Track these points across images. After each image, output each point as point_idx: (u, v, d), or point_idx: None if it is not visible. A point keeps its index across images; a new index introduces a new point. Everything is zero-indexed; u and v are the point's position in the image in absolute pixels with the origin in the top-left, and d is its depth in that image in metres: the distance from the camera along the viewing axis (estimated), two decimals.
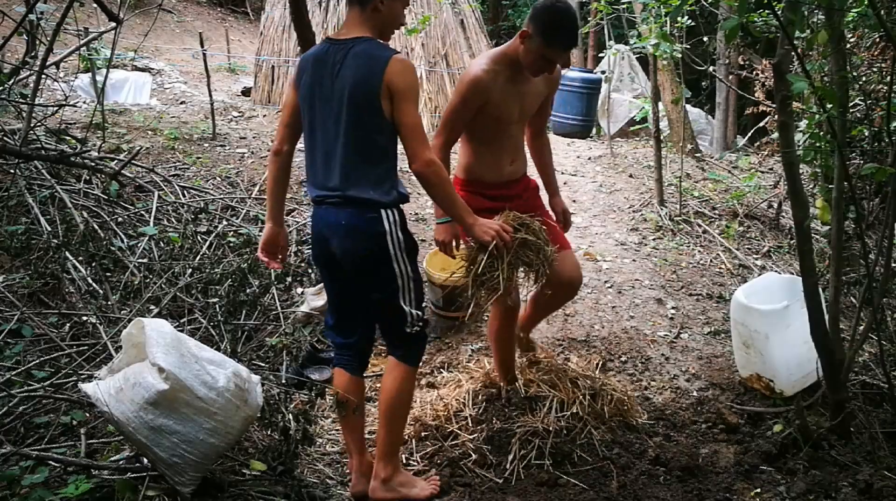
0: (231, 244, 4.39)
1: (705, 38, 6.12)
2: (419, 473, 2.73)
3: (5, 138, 4.47)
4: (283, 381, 3.29)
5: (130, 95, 8.20)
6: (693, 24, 5.51)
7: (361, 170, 2.36)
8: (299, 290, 4.01)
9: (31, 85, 4.50)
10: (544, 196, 3.08)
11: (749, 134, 8.11)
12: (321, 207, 2.46)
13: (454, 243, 2.70)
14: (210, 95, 6.63)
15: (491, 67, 2.69)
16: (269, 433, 2.76)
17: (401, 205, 2.44)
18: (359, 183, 2.36)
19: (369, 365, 3.59)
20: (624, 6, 5.80)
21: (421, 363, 3.56)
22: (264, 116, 7.86)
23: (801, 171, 2.95)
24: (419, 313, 2.51)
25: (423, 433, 2.95)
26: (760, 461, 2.86)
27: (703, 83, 8.61)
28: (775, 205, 5.77)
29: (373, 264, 2.42)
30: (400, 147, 2.40)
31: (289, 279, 4.11)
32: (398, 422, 2.57)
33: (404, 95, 2.30)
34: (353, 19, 2.41)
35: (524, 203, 2.91)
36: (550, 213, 3.01)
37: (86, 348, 3.13)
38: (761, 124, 5.86)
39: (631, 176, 6.52)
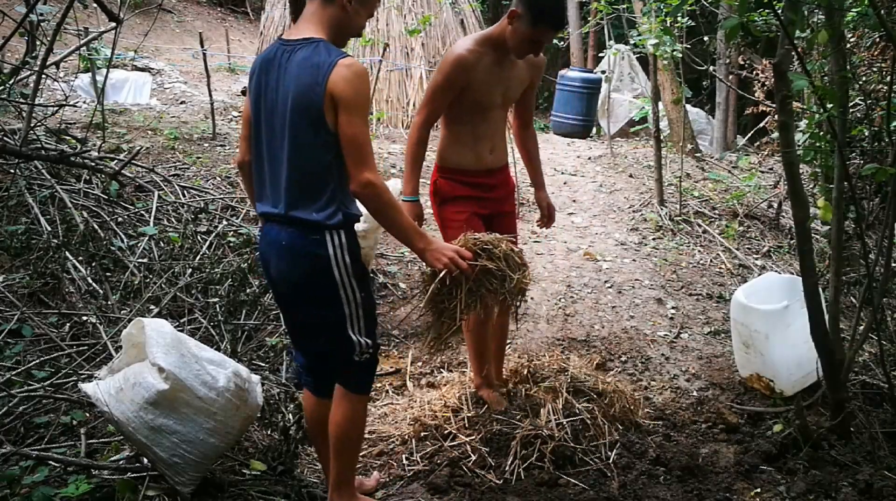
0: (231, 244, 4.39)
1: (705, 38, 6.12)
2: (419, 473, 2.73)
3: (5, 138, 4.47)
4: (283, 381, 3.29)
5: (130, 94, 8.21)
6: (693, 23, 5.51)
7: (305, 188, 2.13)
8: None
9: (31, 85, 4.50)
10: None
11: (749, 134, 8.11)
12: (266, 224, 2.24)
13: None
14: (210, 95, 6.63)
15: (475, 48, 2.69)
16: (269, 433, 2.76)
17: (350, 226, 2.20)
18: (302, 203, 2.13)
19: None
20: (624, 6, 5.79)
21: (420, 363, 3.60)
22: None
23: (801, 171, 2.95)
24: (368, 341, 2.25)
25: (422, 434, 2.95)
26: (760, 461, 2.86)
27: (703, 83, 8.60)
28: (775, 205, 5.77)
29: (314, 291, 2.19)
30: None
31: None
32: (350, 454, 2.36)
33: (347, 105, 2.03)
34: (310, 15, 2.14)
35: (497, 202, 2.93)
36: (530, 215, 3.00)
37: (86, 348, 3.13)
38: (761, 125, 5.85)
39: (631, 176, 6.53)
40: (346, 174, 2.13)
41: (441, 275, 2.22)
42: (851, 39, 3.97)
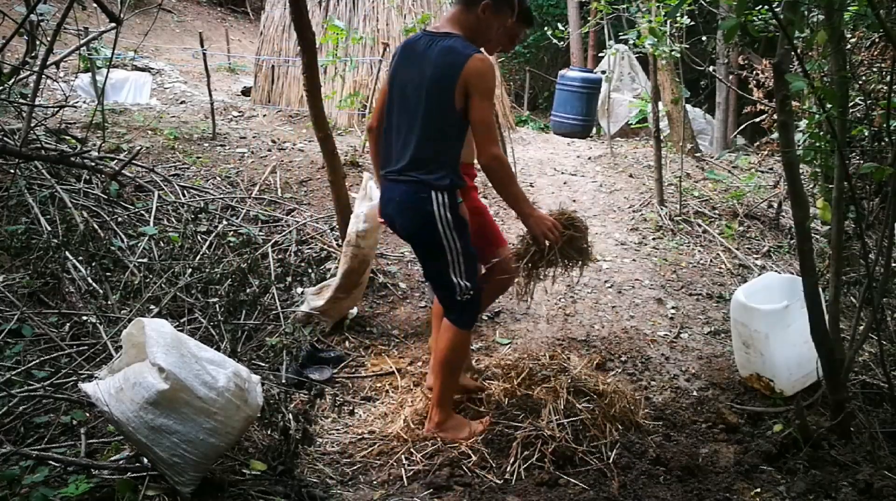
0: (231, 244, 4.39)
1: (704, 38, 6.12)
2: (419, 473, 2.73)
3: (5, 138, 4.47)
4: (283, 381, 3.29)
5: (130, 94, 8.21)
6: (692, 23, 5.51)
7: (427, 155, 2.58)
8: (299, 290, 4.01)
9: (31, 85, 4.50)
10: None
11: (740, 128, 8.10)
12: (387, 184, 2.72)
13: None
14: (210, 95, 6.63)
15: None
16: (269, 433, 2.76)
17: (453, 190, 2.62)
18: (421, 166, 2.58)
19: (370, 366, 3.61)
20: (624, 6, 5.80)
21: (419, 363, 3.60)
22: (264, 115, 7.86)
23: (801, 171, 2.95)
24: (468, 284, 2.71)
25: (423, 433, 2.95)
26: (760, 461, 2.86)
27: (703, 83, 8.60)
28: (775, 205, 5.77)
29: (423, 239, 2.69)
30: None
31: (289, 279, 4.12)
32: (448, 376, 2.83)
33: (479, 91, 2.48)
34: (453, 17, 2.64)
35: (474, 194, 3.13)
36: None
37: (86, 348, 3.13)
38: (761, 124, 5.85)
39: (631, 176, 6.53)
40: (459, 147, 2.61)
41: (539, 242, 2.64)
42: (851, 40, 3.97)
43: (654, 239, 5.22)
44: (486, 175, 2.61)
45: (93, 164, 4.46)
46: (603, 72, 8.78)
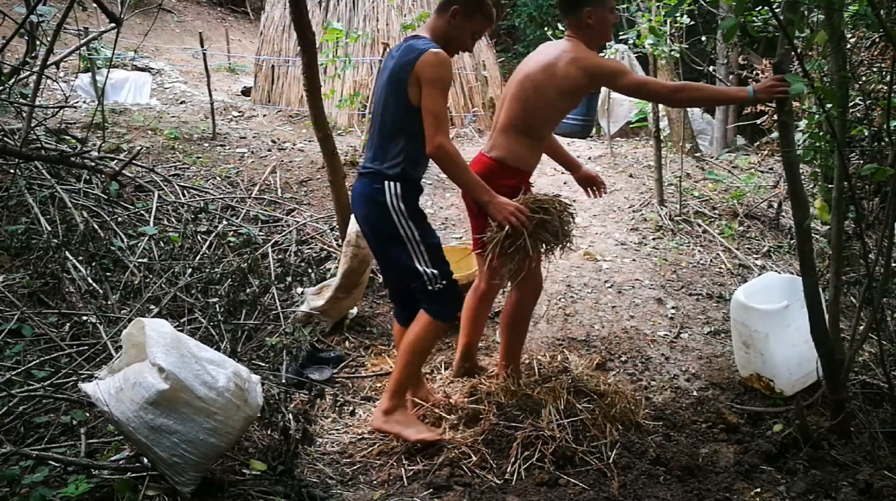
0: (231, 244, 4.39)
1: (704, 38, 6.11)
2: (419, 473, 2.73)
3: (5, 138, 4.47)
4: (283, 381, 3.29)
5: (130, 94, 8.21)
6: (692, 23, 5.50)
7: (385, 147, 2.68)
8: (299, 290, 4.01)
9: (31, 85, 4.50)
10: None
11: (734, 124, 8.09)
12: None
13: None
14: (210, 95, 6.63)
15: None
16: (269, 433, 2.76)
17: (408, 180, 2.67)
18: (378, 158, 2.69)
19: (370, 366, 3.60)
20: (624, 6, 5.79)
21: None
22: (264, 115, 7.87)
23: (800, 171, 2.95)
24: (435, 271, 2.71)
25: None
26: (760, 461, 2.86)
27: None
28: (775, 205, 5.77)
29: (380, 229, 2.72)
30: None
31: (289, 279, 4.12)
32: (409, 365, 2.81)
33: (428, 82, 2.55)
34: (429, 23, 2.77)
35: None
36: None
37: (86, 348, 3.13)
38: (758, 121, 5.84)
39: (631, 176, 6.52)
40: (414, 138, 2.63)
41: (506, 228, 2.64)
42: (851, 40, 3.97)
43: (654, 239, 5.22)
44: (437, 165, 2.66)
45: (93, 164, 4.46)
46: None
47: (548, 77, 2.85)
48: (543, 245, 2.74)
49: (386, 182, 2.64)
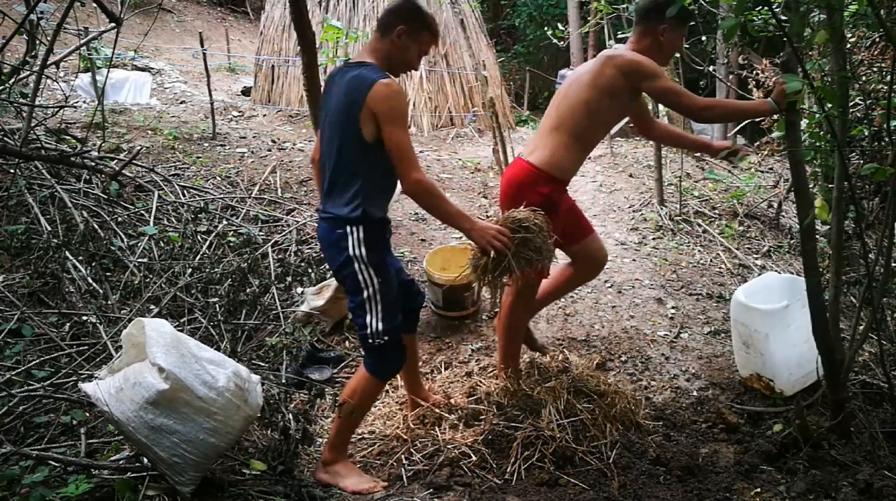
0: (231, 244, 4.39)
1: (704, 38, 6.11)
2: (419, 473, 2.73)
3: (5, 138, 4.47)
4: (283, 381, 3.29)
5: (130, 94, 8.21)
6: (692, 23, 5.50)
7: (339, 188, 2.51)
8: (299, 290, 4.01)
9: (32, 85, 4.50)
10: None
11: (739, 128, 8.08)
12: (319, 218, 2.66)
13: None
14: (210, 95, 6.64)
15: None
16: (269, 433, 2.76)
17: (369, 223, 2.51)
18: (336, 198, 2.53)
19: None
20: (624, 6, 5.79)
21: (419, 363, 3.59)
22: (264, 115, 7.87)
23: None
24: (380, 328, 2.54)
25: (422, 434, 2.95)
26: (760, 460, 2.86)
27: (703, 83, 8.59)
28: (775, 205, 5.77)
29: (344, 277, 2.56)
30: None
31: (289, 279, 4.12)
32: (347, 420, 2.68)
33: (387, 119, 2.39)
34: (369, 45, 2.58)
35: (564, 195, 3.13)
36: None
37: (86, 348, 3.13)
38: (758, 121, 5.84)
39: (631, 176, 6.53)
40: (369, 177, 2.48)
41: (491, 253, 2.58)
42: (851, 40, 3.97)
43: (654, 239, 5.22)
44: (414, 201, 2.51)
45: (93, 164, 4.46)
46: None
47: (591, 76, 2.86)
48: (524, 264, 2.67)
49: (348, 227, 2.49)
